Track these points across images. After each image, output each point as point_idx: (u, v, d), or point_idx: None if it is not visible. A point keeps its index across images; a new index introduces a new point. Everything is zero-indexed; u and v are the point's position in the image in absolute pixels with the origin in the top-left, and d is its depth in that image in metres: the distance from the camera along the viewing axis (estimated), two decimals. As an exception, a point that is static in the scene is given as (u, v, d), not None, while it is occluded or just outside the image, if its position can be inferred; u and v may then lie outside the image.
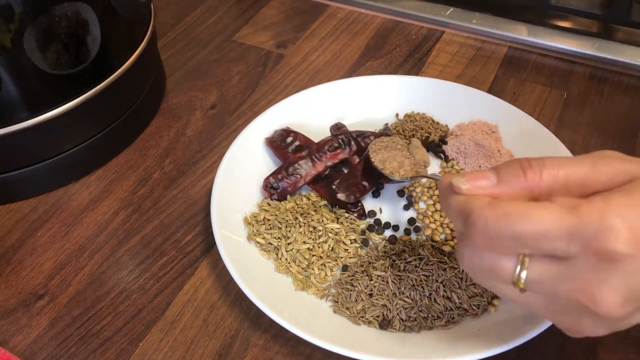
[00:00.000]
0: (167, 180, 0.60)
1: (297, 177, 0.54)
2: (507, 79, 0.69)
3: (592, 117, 0.65)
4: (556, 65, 0.71)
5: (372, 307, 0.47)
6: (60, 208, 0.57)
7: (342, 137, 0.56)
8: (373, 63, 0.72)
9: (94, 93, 0.56)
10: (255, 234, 0.52)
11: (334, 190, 0.54)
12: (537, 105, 0.66)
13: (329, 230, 0.52)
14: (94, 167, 0.60)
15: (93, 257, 0.53)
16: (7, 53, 0.49)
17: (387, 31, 0.76)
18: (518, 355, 0.46)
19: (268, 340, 0.48)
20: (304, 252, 0.51)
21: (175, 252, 0.54)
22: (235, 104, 0.67)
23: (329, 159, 0.55)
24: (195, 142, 0.63)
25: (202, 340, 0.48)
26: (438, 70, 0.71)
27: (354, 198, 0.53)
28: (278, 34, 0.77)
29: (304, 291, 0.49)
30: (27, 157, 0.56)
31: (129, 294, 0.51)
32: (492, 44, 0.74)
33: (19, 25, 0.48)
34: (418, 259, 0.49)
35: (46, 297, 0.51)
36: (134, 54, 0.59)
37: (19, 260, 0.53)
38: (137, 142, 0.63)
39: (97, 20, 0.53)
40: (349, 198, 0.53)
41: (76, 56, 0.53)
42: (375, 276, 0.48)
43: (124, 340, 0.48)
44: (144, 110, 0.64)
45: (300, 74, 0.71)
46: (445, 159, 0.59)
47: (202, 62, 0.73)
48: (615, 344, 0.47)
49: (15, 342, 0.48)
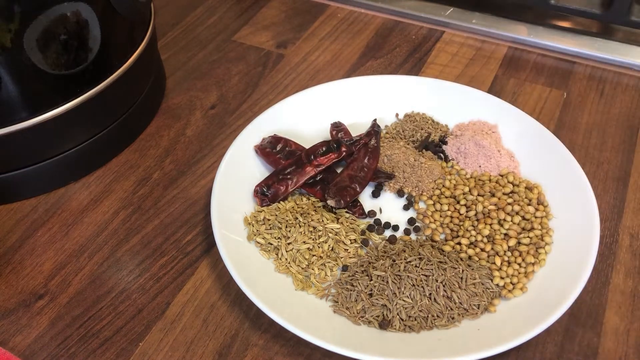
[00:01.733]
0: (167, 180, 0.60)
1: (288, 183, 0.54)
2: (507, 79, 0.69)
3: (592, 117, 0.65)
4: (556, 65, 0.71)
5: (372, 307, 0.47)
6: (61, 208, 0.57)
7: (332, 142, 0.56)
8: (373, 63, 0.72)
9: (94, 93, 0.56)
10: (255, 234, 0.52)
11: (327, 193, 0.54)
12: (537, 105, 0.66)
13: (329, 230, 0.52)
14: (94, 167, 0.60)
15: (93, 257, 0.53)
16: (7, 53, 0.49)
17: (387, 31, 0.76)
18: (518, 355, 0.46)
19: (268, 340, 0.48)
20: (304, 252, 0.51)
21: (175, 252, 0.54)
22: (235, 104, 0.67)
23: (320, 163, 0.55)
24: (195, 142, 0.63)
25: (202, 340, 0.48)
26: (438, 70, 0.71)
27: (344, 203, 0.53)
28: (278, 34, 0.77)
29: (304, 291, 0.49)
30: (27, 157, 0.56)
31: (129, 294, 0.51)
32: (492, 44, 0.74)
33: (19, 25, 0.48)
34: (418, 258, 0.49)
35: (46, 297, 0.51)
36: (134, 54, 0.59)
37: (19, 260, 0.53)
38: (137, 142, 0.63)
39: (97, 20, 0.53)
40: (339, 203, 0.52)
41: (76, 56, 0.53)
42: (375, 276, 0.48)
43: (124, 340, 0.48)
44: (144, 110, 0.64)
45: (300, 74, 0.71)
46: (445, 159, 0.59)
47: (202, 62, 0.73)
48: (615, 344, 0.47)
49: (15, 342, 0.48)
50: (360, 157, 0.56)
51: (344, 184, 0.54)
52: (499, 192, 0.54)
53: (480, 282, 0.48)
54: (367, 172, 0.55)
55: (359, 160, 0.56)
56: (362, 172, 0.55)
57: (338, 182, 0.54)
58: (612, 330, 0.48)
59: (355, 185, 0.54)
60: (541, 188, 0.55)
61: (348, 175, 0.55)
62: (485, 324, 0.46)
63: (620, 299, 0.50)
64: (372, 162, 0.56)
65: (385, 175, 0.56)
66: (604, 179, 0.58)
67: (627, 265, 0.52)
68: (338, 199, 0.52)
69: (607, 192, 0.57)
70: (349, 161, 0.56)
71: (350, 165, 0.56)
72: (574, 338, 0.47)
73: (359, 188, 0.54)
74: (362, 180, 0.55)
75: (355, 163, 0.56)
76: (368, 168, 0.55)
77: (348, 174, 0.55)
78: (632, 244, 0.53)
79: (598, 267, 0.52)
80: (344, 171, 0.55)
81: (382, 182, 0.56)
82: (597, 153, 0.61)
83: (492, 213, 0.52)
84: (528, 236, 0.51)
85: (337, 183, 0.54)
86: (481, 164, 0.57)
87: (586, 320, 0.48)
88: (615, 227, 0.55)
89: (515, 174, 0.56)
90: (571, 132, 0.63)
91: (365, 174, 0.55)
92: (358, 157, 0.56)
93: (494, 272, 0.49)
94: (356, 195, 0.54)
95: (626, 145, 0.62)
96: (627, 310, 0.49)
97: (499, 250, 0.50)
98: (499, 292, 0.48)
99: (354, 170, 0.55)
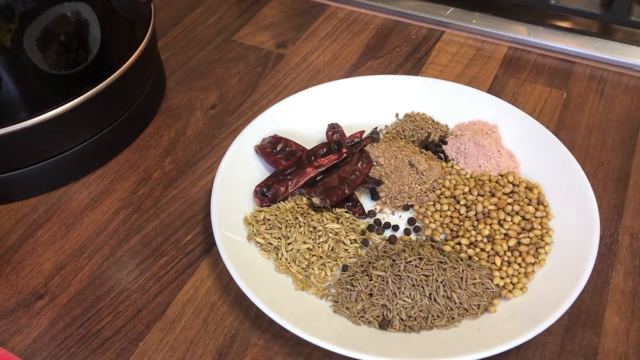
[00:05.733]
0: (167, 180, 0.60)
1: (288, 183, 0.54)
2: (507, 79, 0.69)
3: (592, 117, 0.65)
4: (556, 65, 0.71)
5: (372, 307, 0.47)
6: (61, 208, 0.57)
7: (333, 143, 0.56)
8: (373, 63, 0.72)
9: (94, 93, 0.56)
10: (255, 234, 0.52)
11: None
12: (537, 105, 0.66)
13: (329, 230, 0.52)
14: (94, 167, 0.60)
15: (93, 257, 0.53)
16: (7, 53, 0.49)
17: (387, 31, 0.76)
18: (518, 355, 0.46)
19: (268, 340, 0.48)
20: (304, 252, 0.51)
21: (176, 252, 0.54)
22: (235, 104, 0.67)
23: (321, 164, 0.55)
24: (195, 142, 0.63)
25: (202, 340, 0.48)
26: (438, 70, 0.71)
27: (329, 202, 0.52)
28: (278, 34, 0.77)
29: (304, 291, 0.49)
30: (27, 157, 0.56)
31: (129, 294, 0.51)
32: (492, 44, 0.74)
33: (19, 25, 0.48)
34: (418, 258, 0.49)
35: (46, 297, 0.51)
36: (134, 54, 0.59)
37: (19, 260, 0.53)
38: (137, 142, 0.63)
39: (97, 20, 0.53)
40: (324, 202, 0.52)
41: (76, 56, 0.53)
42: (375, 276, 0.48)
43: (124, 340, 0.48)
44: (144, 110, 0.64)
45: (300, 74, 0.71)
46: (445, 159, 0.59)
47: (202, 62, 0.73)
48: (615, 345, 0.47)
49: (15, 342, 0.48)
50: (353, 161, 0.56)
51: (333, 185, 0.54)
52: (499, 192, 0.54)
53: (480, 282, 0.48)
54: (359, 176, 0.55)
55: (352, 164, 0.56)
56: (353, 175, 0.55)
57: (327, 182, 0.54)
58: (612, 330, 0.48)
59: (344, 187, 0.54)
60: (541, 188, 0.55)
61: (339, 176, 0.55)
62: (485, 324, 0.46)
63: (620, 299, 0.50)
64: (365, 167, 0.56)
65: (374, 181, 0.56)
66: (604, 179, 0.58)
67: (627, 265, 0.52)
68: (324, 197, 0.52)
69: (607, 192, 0.57)
70: (343, 164, 0.56)
71: (342, 167, 0.56)
72: (574, 338, 0.47)
73: (347, 190, 0.54)
74: (352, 183, 0.54)
75: (348, 166, 0.56)
76: (360, 172, 0.55)
77: (339, 176, 0.55)
78: (632, 243, 0.53)
79: (598, 267, 0.52)
80: (335, 172, 0.55)
81: (370, 187, 0.56)
82: (597, 153, 0.61)
83: (492, 213, 0.52)
84: (528, 236, 0.51)
85: (325, 183, 0.54)
86: (481, 164, 0.57)
87: (586, 320, 0.48)
88: (615, 227, 0.55)
89: (515, 174, 0.56)
90: (571, 132, 0.63)
91: (356, 177, 0.55)
92: (351, 161, 0.56)
93: (494, 272, 0.49)
94: (343, 197, 0.54)
95: (626, 145, 0.62)
96: (627, 310, 0.49)
97: (499, 250, 0.50)
98: (499, 292, 0.48)
99: (346, 173, 0.55)
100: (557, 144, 0.56)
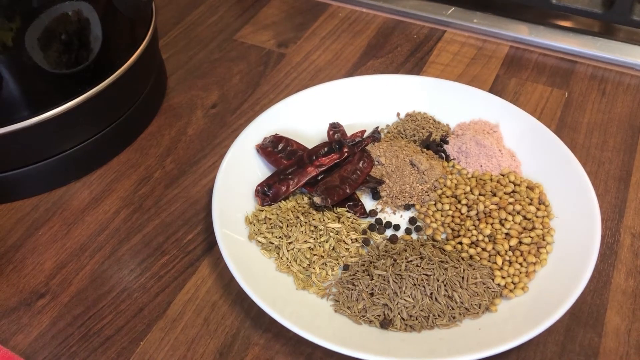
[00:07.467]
0: (168, 179, 0.60)
1: (289, 183, 0.54)
2: (508, 78, 0.69)
3: (594, 117, 0.64)
4: (557, 64, 0.71)
5: (373, 306, 0.47)
6: (62, 207, 0.57)
7: (334, 143, 0.56)
8: (374, 62, 0.72)
9: (95, 92, 0.56)
10: (256, 233, 0.52)
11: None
12: (539, 105, 0.66)
13: (330, 229, 0.52)
14: (95, 166, 0.60)
15: (94, 256, 0.53)
16: (8, 52, 0.49)
17: (388, 30, 0.76)
18: (519, 354, 0.46)
19: (269, 339, 0.48)
20: (305, 251, 0.51)
21: (177, 251, 0.54)
22: (236, 103, 0.67)
23: (322, 164, 0.55)
24: (197, 141, 0.63)
25: (203, 339, 0.48)
26: (439, 70, 0.71)
27: (330, 202, 0.53)
28: (279, 33, 0.77)
29: (305, 290, 0.49)
30: (29, 156, 0.56)
31: (130, 293, 0.51)
32: (493, 44, 0.74)
33: (21, 24, 0.48)
34: (419, 258, 0.49)
35: (47, 296, 0.51)
36: (135, 53, 0.59)
37: (20, 259, 0.53)
38: (138, 141, 0.63)
39: (99, 19, 0.53)
40: (324, 201, 0.52)
41: (77, 55, 0.53)
42: (376, 275, 0.48)
43: (125, 339, 0.48)
44: (145, 109, 0.64)
45: (301, 73, 0.71)
46: (447, 159, 0.59)
47: (203, 62, 0.73)
48: (616, 344, 0.47)
49: (16, 341, 0.48)
50: (354, 160, 0.56)
51: (334, 184, 0.54)
52: (500, 191, 0.54)
53: (481, 281, 0.48)
54: (360, 175, 0.55)
55: (353, 163, 0.56)
56: (354, 175, 0.55)
57: (328, 181, 0.54)
58: (613, 330, 0.48)
59: (345, 186, 0.54)
60: (542, 187, 0.55)
61: (340, 176, 0.55)
62: (487, 324, 0.46)
63: (622, 299, 0.50)
64: (366, 166, 0.56)
65: (375, 180, 0.56)
66: (605, 179, 0.58)
67: (629, 265, 0.52)
68: (325, 196, 0.52)
69: (609, 192, 0.57)
70: (344, 163, 0.56)
71: (343, 166, 0.56)
72: (575, 338, 0.47)
73: (348, 189, 0.54)
74: (353, 182, 0.54)
75: (349, 165, 0.56)
76: (361, 172, 0.55)
77: (340, 175, 0.55)
78: (634, 243, 0.53)
79: (599, 267, 0.51)
80: (337, 172, 0.55)
81: (371, 187, 0.56)
82: (599, 152, 0.61)
83: (494, 212, 0.52)
84: (529, 236, 0.51)
85: (327, 182, 0.54)
86: (482, 163, 0.57)
87: (587, 320, 0.48)
88: (617, 226, 0.55)
89: (517, 173, 0.56)
90: (572, 132, 0.63)
91: (357, 177, 0.55)
92: (353, 160, 0.56)
93: (495, 271, 0.49)
94: (344, 196, 0.54)
95: (627, 145, 0.61)
96: (629, 310, 0.49)
97: (500, 249, 0.50)
98: (500, 291, 0.48)
99: (347, 172, 0.55)
100: (558, 144, 0.56)
